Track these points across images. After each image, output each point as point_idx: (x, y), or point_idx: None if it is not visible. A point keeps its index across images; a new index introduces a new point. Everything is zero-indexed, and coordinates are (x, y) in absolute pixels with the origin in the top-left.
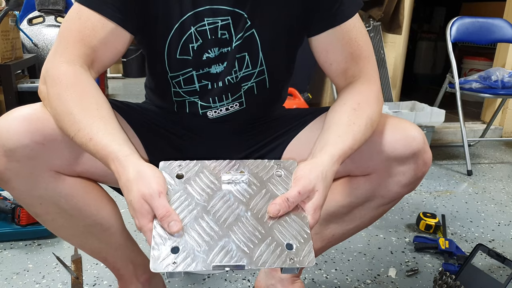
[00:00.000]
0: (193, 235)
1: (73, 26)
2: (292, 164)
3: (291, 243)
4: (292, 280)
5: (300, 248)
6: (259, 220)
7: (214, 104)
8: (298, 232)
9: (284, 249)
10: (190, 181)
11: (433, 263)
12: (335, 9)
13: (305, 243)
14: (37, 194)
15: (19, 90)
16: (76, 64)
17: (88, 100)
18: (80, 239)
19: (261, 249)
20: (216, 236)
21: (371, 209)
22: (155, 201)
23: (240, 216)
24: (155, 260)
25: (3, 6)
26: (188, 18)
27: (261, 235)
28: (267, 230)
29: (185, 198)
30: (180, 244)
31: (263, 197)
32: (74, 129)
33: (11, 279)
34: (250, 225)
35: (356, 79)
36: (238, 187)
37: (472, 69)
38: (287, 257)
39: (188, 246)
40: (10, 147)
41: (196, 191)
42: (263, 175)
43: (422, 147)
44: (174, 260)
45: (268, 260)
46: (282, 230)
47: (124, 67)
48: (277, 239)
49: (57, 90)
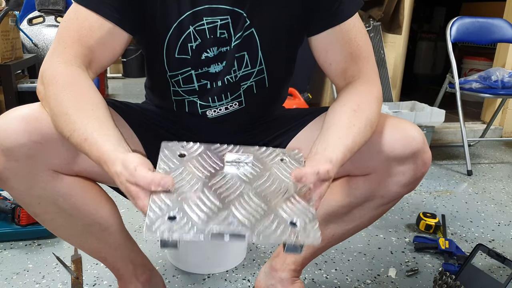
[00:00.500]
0: (192, 206)
1: (71, 26)
2: (297, 153)
3: (295, 221)
4: (292, 280)
5: (305, 226)
6: (263, 198)
7: (213, 103)
8: (303, 212)
9: (288, 226)
10: (192, 160)
11: (433, 263)
12: (334, 9)
13: (310, 222)
14: (36, 193)
15: (19, 90)
16: (73, 65)
17: (84, 100)
18: (79, 238)
19: (264, 224)
20: (217, 209)
21: (371, 209)
22: (135, 177)
23: (242, 193)
24: (149, 226)
25: (3, 6)
26: (187, 17)
27: (264, 212)
28: (271, 208)
29: (186, 174)
30: (178, 214)
31: (267, 179)
32: (69, 130)
33: (11, 279)
34: (253, 201)
35: (355, 79)
36: (242, 169)
37: (472, 69)
38: (292, 232)
39: (186, 216)
40: (8, 146)
41: (198, 168)
42: (268, 160)
43: (422, 147)
44: (170, 227)
45: (271, 234)
46: (286, 208)
47: (124, 67)
48: (281, 216)
49: (54, 90)
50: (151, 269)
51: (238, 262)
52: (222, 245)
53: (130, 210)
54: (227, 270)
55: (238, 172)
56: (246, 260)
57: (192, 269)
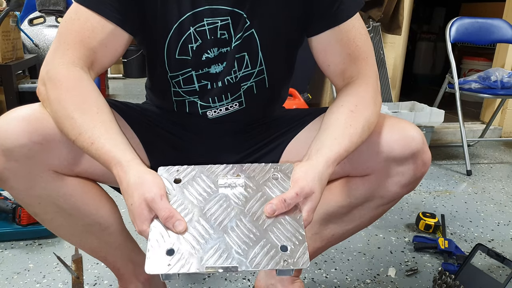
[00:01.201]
0: (188, 238)
1: (72, 26)
2: (289, 167)
3: (285, 245)
4: (292, 279)
5: (294, 250)
6: (254, 223)
7: (213, 104)
8: (293, 234)
9: (278, 251)
10: (187, 185)
11: (433, 262)
12: (334, 9)
13: (299, 245)
14: (36, 193)
15: (20, 91)
16: (76, 66)
17: (89, 103)
18: (80, 238)
19: (255, 251)
20: (211, 239)
21: (371, 209)
22: (158, 204)
23: (235, 219)
24: (150, 262)
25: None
26: (187, 18)
27: (255, 237)
28: (262, 232)
29: (182, 202)
30: (175, 247)
31: (259, 200)
32: (75, 133)
33: (11, 279)
34: (245, 227)
35: (354, 80)
36: (235, 190)
37: (471, 69)
38: (281, 258)
39: (183, 249)
40: (8, 147)
41: (193, 195)
42: (260, 178)
43: (421, 147)
44: (168, 262)
45: (262, 261)
46: (276, 232)
47: (125, 68)
48: (272, 241)
49: (58, 93)
50: None
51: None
52: None
53: None
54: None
55: (231, 194)
56: None
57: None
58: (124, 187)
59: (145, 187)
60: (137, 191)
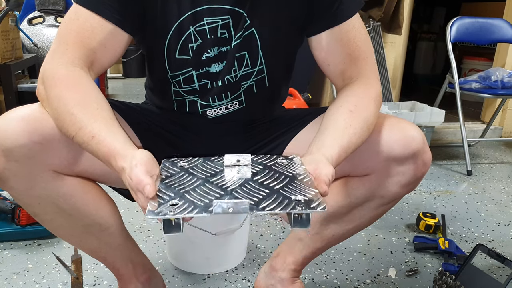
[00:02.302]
0: (193, 194)
1: (71, 27)
2: (295, 156)
3: (299, 198)
4: (292, 280)
5: (309, 200)
6: (264, 186)
7: (213, 103)
8: (306, 191)
9: (291, 201)
10: (192, 167)
11: (433, 263)
12: (334, 9)
13: (314, 196)
14: (36, 193)
15: (19, 90)
16: (76, 66)
17: (89, 100)
18: (79, 238)
19: (267, 201)
20: (218, 195)
21: (371, 209)
22: (130, 174)
23: (243, 184)
24: (151, 210)
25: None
26: (187, 18)
27: (266, 194)
28: (273, 191)
29: (187, 176)
30: (180, 201)
31: (267, 173)
32: (75, 128)
33: (11, 279)
34: (254, 187)
35: (353, 80)
36: (242, 171)
37: (472, 69)
38: (296, 205)
39: (188, 200)
40: (8, 147)
41: (199, 172)
42: (266, 162)
43: (422, 147)
44: (171, 209)
45: (275, 207)
46: (288, 190)
47: (124, 67)
48: (284, 195)
49: (57, 91)
50: (151, 269)
51: (238, 262)
52: (222, 245)
53: (130, 210)
54: (227, 270)
55: (239, 171)
56: (246, 260)
57: (192, 269)
58: (121, 175)
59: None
60: (126, 171)
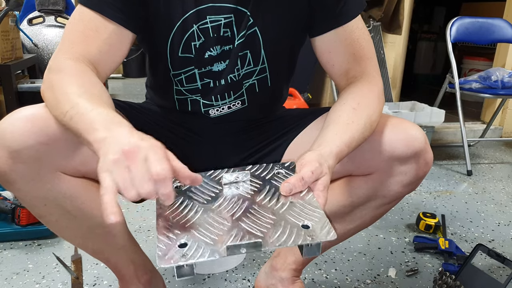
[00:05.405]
0: (200, 229)
1: (76, 27)
2: (291, 164)
3: (306, 223)
4: (292, 280)
5: (317, 226)
6: (269, 210)
7: (216, 102)
8: (311, 213)
9: (300, 229)
10: (190, 189)
11: (433, 263)
12: (338, 10)
13: (320, 221)
14: (42, 195)
15: (19, 90)
16: (81, 62)
17: (90, 86)
18: (83, 240)
19: (276, 232)
20: (226, 228)
21: (372, 209)
22: (167, 163)
23: (248, 209)
24: (162, 256)
25: (3, 6)
26: (190, 16)
27: (273, 221)
28: (279, 216)
29: (188, 203)
30: (188, 240)
31: (268, 191)
32: (70, 104)
33: (11, 279)
34: (260, 214)
35: (357, 79)
36: (241, 188)
37: (472, 69)
38: (306, 234)
39: (197, 239)
40: (16, 149)
41: (198, 195)
42: (264, 175)
43: (424, 147)
44: (183, 253)
45: (286, 239)
46: (294, 214)
47: (124, 67)
48: (291, 222)
49: (60, 77)
50: (152, 270)
51: (238, 262)
52: None
53: (130, 210)
54: (227, 270)
55: (238, 192)
56: (246, 260)
57: None
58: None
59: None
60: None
